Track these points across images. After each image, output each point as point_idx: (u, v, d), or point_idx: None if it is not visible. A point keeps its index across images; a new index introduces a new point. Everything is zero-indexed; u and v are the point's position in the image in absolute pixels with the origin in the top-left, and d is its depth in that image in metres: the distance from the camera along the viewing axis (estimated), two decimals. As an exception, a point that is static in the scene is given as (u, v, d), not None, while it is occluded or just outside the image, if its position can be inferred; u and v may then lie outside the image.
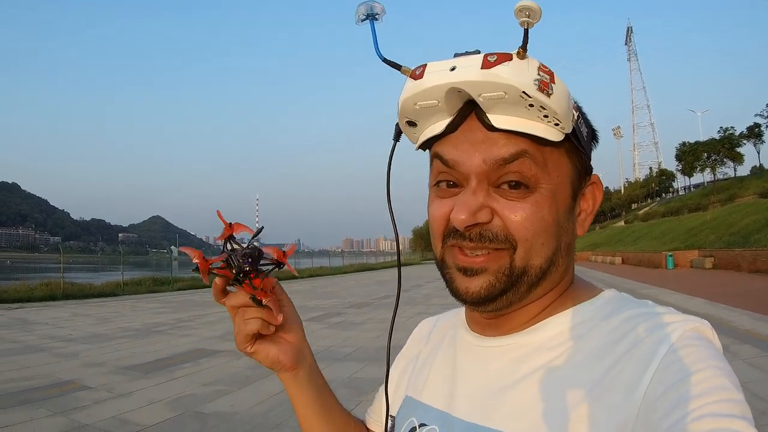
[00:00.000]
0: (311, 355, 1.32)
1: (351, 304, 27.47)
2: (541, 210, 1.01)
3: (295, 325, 1.27)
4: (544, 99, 0.93)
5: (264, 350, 1.21)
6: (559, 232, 1.05)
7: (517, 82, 0.92)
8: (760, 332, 14.27)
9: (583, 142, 1.08)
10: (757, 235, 46.25)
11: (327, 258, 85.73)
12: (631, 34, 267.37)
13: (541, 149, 1.01)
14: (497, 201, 1.01)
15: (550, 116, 0.96)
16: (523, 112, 0.96)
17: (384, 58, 1.06)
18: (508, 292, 1.04)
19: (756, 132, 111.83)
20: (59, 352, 14.37)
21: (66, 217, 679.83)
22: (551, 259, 1.04)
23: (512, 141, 0.99)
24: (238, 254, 1.10)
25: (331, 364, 12.18)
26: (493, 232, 1.01)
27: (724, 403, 0.78)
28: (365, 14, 1.07)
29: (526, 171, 1.00)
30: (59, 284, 32.99)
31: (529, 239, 1.00)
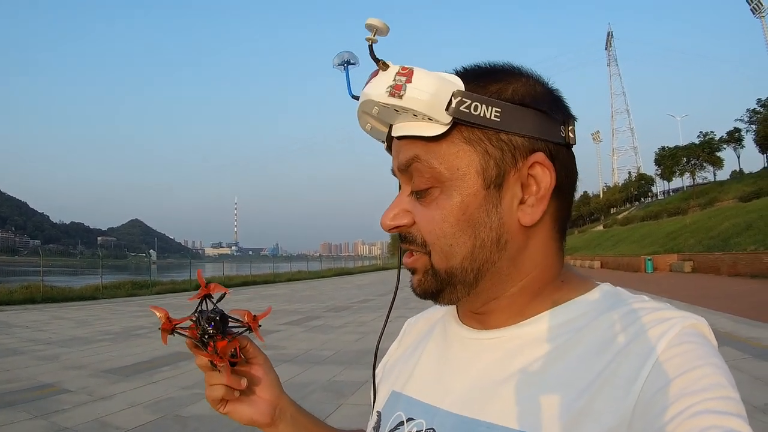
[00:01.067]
0: (292, 405, 1.33)
1: (330, 307, 27.52)
2: (443, 212, 1.02)
3: (270, 382, 1.28)
4: (397, 102, 0.96)
5: (238, 411, 1.24)
6: (474, 229, 1.02)
7: (373, 95, 0.99)
8: (740, 334, 14.33)
9: (490, 123, 0.99)
10: (737, 239, 46.17)
11: (305, 262, 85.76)
12: (612, 39, 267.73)
13: (434, 147, 1.01)
14: (416, 207, 1.06)
15: (419, 114, 0.98)
16: (401, 118, 1.02)
17: (353, 95, 1.10)
18: (444, 292, 1.07)
19: (736, 137, 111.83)
20: (39, 355, 14.33)
21: (46, 220, 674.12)
22: (470, 258, 1.03)
23: (408, 147, 1.04)
24: (203, 317, 1.12)
25: (311, 368, 12.17)
26: (412, 236, 1.06)
27: (721, 401, 0.80)
28: (344, 62, 1.13)
29: (420, 175, 1.02)
30: (39, 287, 32.89)
31: (436, 243, 1.03)
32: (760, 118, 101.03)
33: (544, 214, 1.05)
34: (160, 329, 1.11)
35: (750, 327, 15.60)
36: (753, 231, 45.91)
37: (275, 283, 54.34)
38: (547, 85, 1.09)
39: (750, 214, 53.97)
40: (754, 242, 42.11)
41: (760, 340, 13.33)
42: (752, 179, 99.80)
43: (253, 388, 1.26)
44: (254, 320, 1.19)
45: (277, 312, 25.35)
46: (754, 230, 45.98)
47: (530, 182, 1.04)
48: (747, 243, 43.03)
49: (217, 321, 1.11)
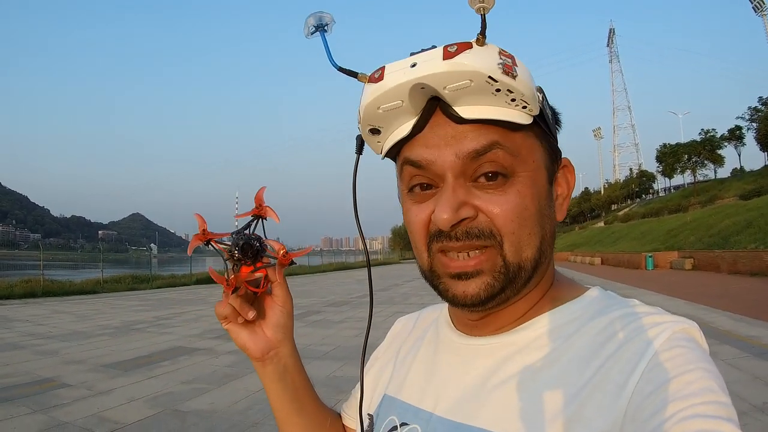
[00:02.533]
0: (290, 357, 1.32)
1: (329, 302, 27.40)
2: (524, 199, 0.99)
3: (278, 323, 1.26)
4: (510, 81, 0.92)
5: (235, 332, 1.23)
6: (543, 219, 1.04)
7: (481, 67, 0.90)
8: (740, 333, 14.30)
9: (550, 124, 1.07)
10: (737, 237, 46.22)
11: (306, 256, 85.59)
12: (614, 35, 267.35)
13: (512, 136, 0.99)
14: (478, 197, 0.99)
15: (518, 99, 0.94)
16: (490, 100, 0.95)
17: (339, 67, 1.04)
18: (507, 290, 1.02)
19: (737, 134, 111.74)
20: (39, 349, 14.32)
21: (46, 214, 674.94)
22: (540, 248, 1.03)
23: (482, 132, 0.98)
24: (238, 238, 1.12)
25: (310, 363, 12.07)
26: (479, 228, 0.99)
27: (712, 405, 0.80)
28: (314, 26, 1.05)
29: (500, 160, 0.98)
30: (39, 281, 32.92)
31: (515, 232, 0.99)
32: (761, 116, 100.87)
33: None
34: (193, 236, 1.12)
35: (750, 325, 15.56)
36: (753, 229, 45.98)
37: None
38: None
39: (750, 212, 54.02)
40: (754, 240, 42.17)
41: (759, 339, 13.30)
42: (753, 177, 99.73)
43: (260, 320, 1.26)
44: (285, 257, 1.18)
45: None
46: (754, 228, 46.05)
47: (561, 182, 1.14)
48: (747, 241, 43.09)
49: (247, 246, 1.12)
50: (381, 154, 1.13)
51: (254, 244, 1.12)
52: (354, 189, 1.16)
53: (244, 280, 1.13)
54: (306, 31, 1.06)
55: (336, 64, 1.04)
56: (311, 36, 1.06)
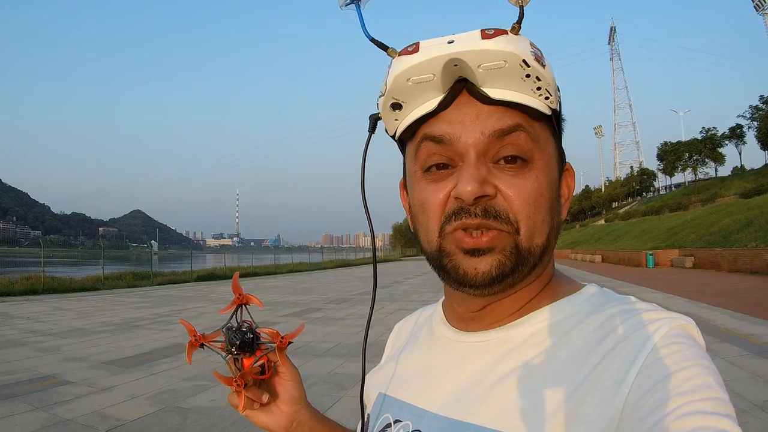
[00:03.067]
0: (312, 418, 1.30)
1: (331, 299, 27.41)
2: (541, 185, 1.01)
3: (292, 397, 1.26)
4: (541, 69, 0.95)
5: (254, 416, 1.22)
6: (553, 210, 1.05)
7: (517, 50, 0.93)
8: (740, 331, 14.32)
9: (561, 124, 1.10)
10: (738, 235, 46.18)
11: (307, 254, 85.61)
12: (615, 33, 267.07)
13: (533, 124, 1.01)
14: (498, 178, 0.99)
15: (543, 88, 0.97)
16: (518, 85, 0.97)
17: (372, 38, 1.04)
18: (515, 272, 1.01)
19: (738, 133, 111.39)
20: (40, 346, 14.32)
21: (46, 210, 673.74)
22: (548, 237, 1.04)
23: (507, 114, 0.99)
24: (231, 335, 1.11)
25: (312, 360, 12.17)
26: (497, 209, 0.98)
27: (710, 401, 0.79)
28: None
29: (522, 144, 0.99)
30: (40, 278, 32.93)
31: (531, 217, 0.99)
32: (762, 114, 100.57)
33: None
34: (188, 344, 1.12)
35: (750, 324, 15.59)
36: (753, 227, 46.01)
37: (276, 274, 54.25)
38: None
39: (751, 210, 54.00)
40: (754, 239, 42.21)
41: (759, 337, 13.32)
42: (753, 176, 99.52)
43: (275, 399, 1.25)
44: (282, 341, 1.17)
45: (278, 304, 25.31)
46: (754, 227, 46.06)
47: (563, 184, 1.14)
48: (747, 239, 43.11)
49: (240, 343, 1.11)
50: (395, 133, 1.12)
51: (249, 336, 1.12)
52: (363, 168, 1.15)
53: (249, 373, 1.13)
54: (341, 2, 1.06)
55: (369, 34, 1.04)
56: (345, 7, 1.06)
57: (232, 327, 1.12)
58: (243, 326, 1.13)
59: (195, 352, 1.13)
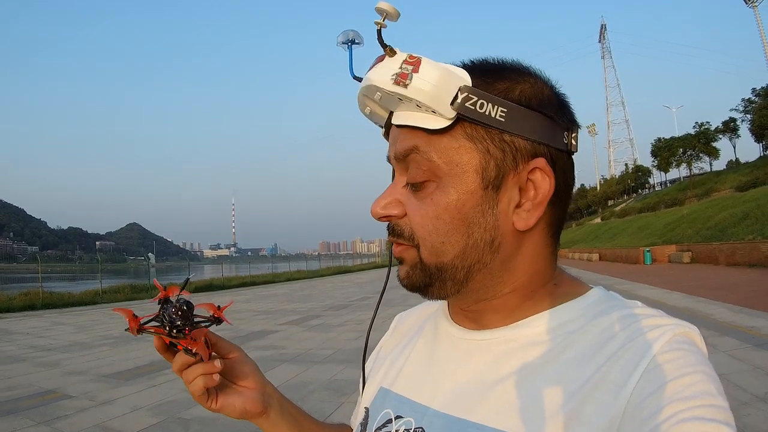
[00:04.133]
0: (276, 391, 1.32)
1: (329, 306, 27.39)
2: (437, 208, 1.01)
3: (249, 369, 1.28)
4: (401, 90, 0.95)
5: (229, 404, 1.23)
6: (468, 228, 1.01)
7: (377, 81, 0.97)
8: (739, 324, 14.36)
9: (494, 122, 0.98)
10: (734, 229, 46.18)
11: (304, 261, 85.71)
12: (605, 31, 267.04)
13: (435, 140, 1.00)
14: (409, 199, 1.04)
15: (422, 105, 0.96)
16: (404, 107, 1.00)
17: (354, 76, 1.10)
18: (433, 287, 1.06)
19: (731, 126, 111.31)
20: (40, 361, 14.33)
21: (43, 226, 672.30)
22: (462, 256, 1.02)
23: (408, 136, 1.02)
24: (168, 310, 1.13)
25: (311, 367, 12.17)
26: (400, 228, 1.05)
27: (710, 408, 0.80)
28: (348, 40, 1.14)
29: (418, 167, 1.01)
30: (38, 294, 32.88)
31: (427, 238, 1.02)
32: (755, 107, 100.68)
33: (539, 220, 1.04)
34: (130, 328, 1.12)
35: (749, 316, 15.62)
36: (750, 220, 46.00)
37: (274, 283, 54.18)
38: (555, 89, 1.08)
39: (747, 203, 53.94)
40: (751, 231, 42.19)
41: (759, 329, 13.35)
42: (748, 169, 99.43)
43: (235, 380, 1.26)
44: (219, 310, 1.20)
45: (277, 312, 25.31)
46: (751, 220, 46.06)
47: (529, 187, 1.03)
48: (744, 232, 43.12)
49: (184, 311, 1.12)
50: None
51: (184, 308, 1.13)
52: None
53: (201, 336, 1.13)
54: (338, 41, 1.17)
55: (354, 73, 1.11)
56: (341, 46, 1.16)
57: (166, 308, 1.14)
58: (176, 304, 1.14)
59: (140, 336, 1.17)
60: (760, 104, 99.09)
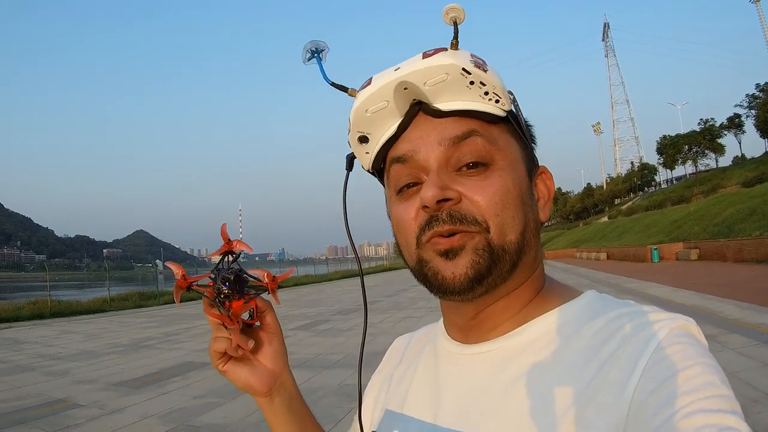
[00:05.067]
0: (293, 385, 1.32)
1: (338, 310, 27.44)
2: (506, 182, 1.04)
3: (276, 352, 1.28)
4: (482, 73, 1.00)
5: (236, 371, 1.23)
6: (525, 207, 1.06)
7: (456, 61, 0.99)
8: (748, 321, 14.29)
9: (523, 128, 1.13)
10: (742, 225, 46.03)
11: (312, 266, 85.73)
12: (608, 30, 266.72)
13: (489, 128, 1.06)
14: (462, 184, 1.03)
15: (490, 92, 1.02)
16: (466, 93, 1.02)
17: (332, 83, 1.13)
18: (493, 272, 1.03)
19: (736, 122, 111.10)
20: (50, 370, 14.37)
21: (50, 234, 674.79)
22: (523, 234, 1.05)
23: (461, 123, 1.04)
24: (220, 275, 1.12)
25: (321, 372, 12.16)
26: (462, 213, 1.01)
27: (715, 399, 0.80)
28: (311, 51, 1.15)
29: (480, 148, 1.04)
30: (46, 302, 33.08)
31: (499, 214, 1.02)
32: (759, 102, 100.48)
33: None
34: (175, 286, 1.11)
35: (758, 313, 15.54)
36: (757, 216, 45.85)
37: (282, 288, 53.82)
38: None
39: (754, 199, 53.79)
40: (758, 227, 42.06)
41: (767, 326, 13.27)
42: (754, 164, 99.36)
43: (257, 353, 1.26)
44: (273, 281, 1.19)
45: (285, 317, 25.17)
46: (758, 215, 45.91)
47: (540, 186, 1.18)
48: (752, 228, 42.97)
49: (232, 280, 1.11)
50: (369, 166, 1.19)
51: (240, 276, 1.12)
52: (344, 206, 1.22)
53: (239, 312, 1.13)
54: (304, 57, 1.15)
55: (329, 80, 1.13)
56: (308, 62, 1.15)
57: (220, 270, 1.13)
58: (232, 268, 1.13)
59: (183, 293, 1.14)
60: (764, 99, 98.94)
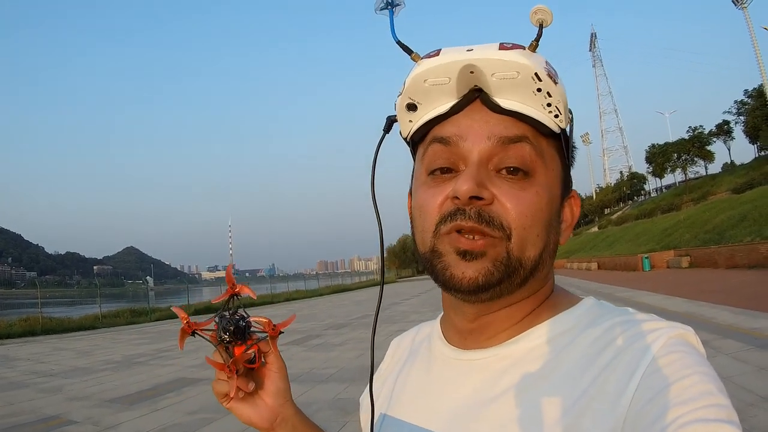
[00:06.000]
0: (296, 416, 1.29)
1: (329, 325, 27.52)
2: (541, 200, 1.02)
3: (278, 390, 1.25)
4: (552, 84, 0.98)
5: (239, 408, 1.21)
6: (550, 228, 1.05)
7: (531, 63, 0.96)
8: (741, 326, 14.42)
9: (570, 148, 1.12)
10: (732, 231, 46.22)
11: (303, 281, 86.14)
12: (596, 40, 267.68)
13: (540, 139, 1.04)
14: (498, 186, 1.00)
15: (553, 105, 1.00)
16: (529, 98, 1.00)
17: (398, 41, 1.09)
18: (504, 283, 1.01)
19: (725, 129, 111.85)
20: (43, 387, 14.34)
21: (41, 251, 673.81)
22: (542, 254, 1.04)
23: (515, 124, 1.02)
24: (224, 322, 1.11)
25: (315, 386, 12.17)
26: (491, 215, 0.99)
27: (712, 408, 0.80)
28: (386, 2, 1.10)
29: (526, 156, 1.01)
30: (38, 319, 33.14)
31: (526, 228, 1.00)
32: (748, 108, 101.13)
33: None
34: (180, 331, 1.11)
35: (751, 318, 15.67)
36: (748, 222, 46.03)
37: (273, 303, 54.27)
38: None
39: (744, 205, 54.08)
40: (749, 233, 42.19)
41: (761, 331, 13.41)
42: (744, 170, 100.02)
43: (259, 391, 1.24)
44: (274, 330, 1.17)
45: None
46: (749, 221, 46.08)
47: (567, 210, 1.15)
48: (743, 234, 43.11)
49: (234, 329, 1.11)
50: (408, 134, 1.15)
51: (241, 324, 1.12)
52: (374, 166, 1.17)
53: (240, 360, 1.13)
54: (377, 5, 1.11)
55: (396, 37, 1.09)
56: (380, 11, 1.11)
57: (224, 315, 1.13)
58: (235, 315, 1.13)
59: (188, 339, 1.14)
60: (753, 105, 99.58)
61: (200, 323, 1.14)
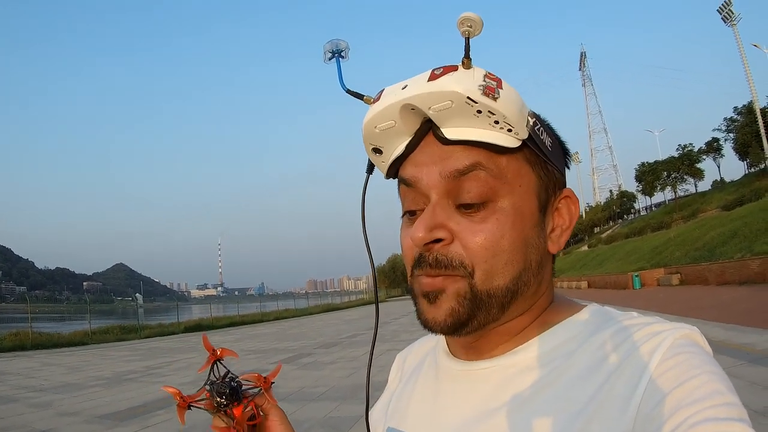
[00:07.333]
0: None
1: (320, 344, 27.49)
2: (502, 228, 0.99)
3: None
4: (490, 103, 0.93)
5: None
6: (527, 249, 1.03)
7: (461, 88, 0.92)
8: (733, 341, 14.48)
9: (546, 150, 1.06)
10: (723, 248, 46.15)
11: (292, 300, 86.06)
12: (585, 59, 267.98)
13: (497, 159, 1.00)
14: (458, 223, 1.00)
15: (501, 121, 0.96)
16: (474, 122, 0.96)
17: (347, 90, 1.08)
18: (478, 316, 1.01)
19: (715, 146, 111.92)
20: (33, 402, 14.30)
21: (31, 266, 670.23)
22: (518, 278, 1.02)
23: (467, 153, 0.99)
24: (216, 388, 1.12)
25: (306, 405, 12.14)
26: (449, 258, 0.99)
27: (722, 407, 0.79)
28: (331, 52, 1.10)
29: (482, 185, 0.99)
30: (28, 334, 33.16)
31: (488, 260, 0.98)
32: (737, 125, 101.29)
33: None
34: (177, 408, 1.12)
35: (742, 333, 15.77)
36: (738, 239, 46.01)
37: (263, 322, 54.24)
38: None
39: (734, 222, 54.08)
40: (740, 249, 42.17)
41: (753, 346, 13.48)
42: (734, 187, 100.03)
43: None
44: (265, 382, 1.18)
45: (267, 351, 25.43)
46: (739, 238, 46.08)
47: (559, 213, 1.12)
48: (733, 251, 43.09)
49: (228, 392, 1.11)
50: (386, 176, 1.14)
51: (233, 385, 1.13)
52: (363, 207, 1.17)
53: (243, 420, 1.13)
54: (324, 57, 1.11)
55: (345, 86, 1.08)
56: (329, 62, 1.11)
57: (214, 381, 1.13)
58: (225, 378, 1.14)
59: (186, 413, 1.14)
60: (742, 122, 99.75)
61: (193, 395, 1.15)
